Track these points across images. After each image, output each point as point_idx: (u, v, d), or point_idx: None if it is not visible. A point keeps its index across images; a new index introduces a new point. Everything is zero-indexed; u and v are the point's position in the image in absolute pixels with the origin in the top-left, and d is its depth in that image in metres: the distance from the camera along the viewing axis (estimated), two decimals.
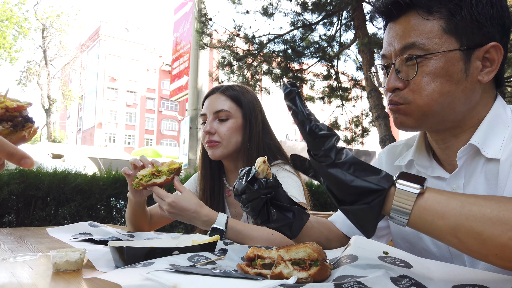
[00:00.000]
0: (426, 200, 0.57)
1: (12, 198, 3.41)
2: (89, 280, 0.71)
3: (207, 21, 6.95)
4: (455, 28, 0.74)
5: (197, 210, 1.14)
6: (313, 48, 7.15)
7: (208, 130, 1.38)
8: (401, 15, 0.78)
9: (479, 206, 0.55)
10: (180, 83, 11.10)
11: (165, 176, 1.20)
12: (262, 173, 0.69)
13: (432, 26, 0.74)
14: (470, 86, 0.75)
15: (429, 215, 0.57)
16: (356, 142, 7.72)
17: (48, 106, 23.22)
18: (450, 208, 0.56)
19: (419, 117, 0.78)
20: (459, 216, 0.55)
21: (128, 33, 40.40)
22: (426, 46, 0.74)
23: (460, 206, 0.55)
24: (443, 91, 0.74)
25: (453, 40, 0.74)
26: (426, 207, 0.57)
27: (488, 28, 0.74)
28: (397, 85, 0.78)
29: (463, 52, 0.74)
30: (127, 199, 1.41)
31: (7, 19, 18.95)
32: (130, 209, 1.42)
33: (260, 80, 7.50)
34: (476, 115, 0.79)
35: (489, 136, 0.77)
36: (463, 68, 0.74)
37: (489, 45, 0.74)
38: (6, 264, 0.87)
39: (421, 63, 0.75)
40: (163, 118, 41.11)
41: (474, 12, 0.73)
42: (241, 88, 1.46)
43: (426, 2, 0.75)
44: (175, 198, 1.14)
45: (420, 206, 0.58)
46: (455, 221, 0.55)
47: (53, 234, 1.18)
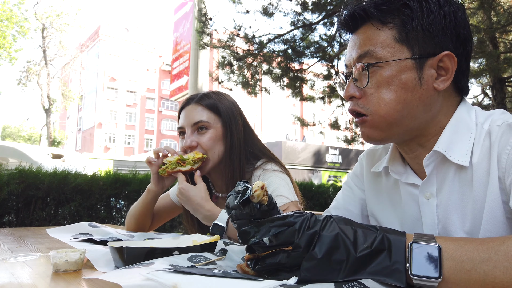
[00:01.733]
0: (447, 282, 0.57)
1: (12, 198, 3.41)
2: (89, 280, 0.71)
3: (207, 20, 6.95)
4: (407, 37, 0.76)
5: (201, 203, 1.20)
6: (313, 48, 7.15)
7: (189, 145, 1.32)
8: (359, 26, 0.82)
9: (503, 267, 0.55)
10: (180, 83, 11.10)
11: (190, 166, 1.28)
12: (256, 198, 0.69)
13: (385, 36, 0.77)
14: (427, 93, 0.77)
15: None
16: (356, 142, 7.72)
17: (48, 106, 23.20)
18: (473, 282, 0.56)
19: (384, 128, 0.79)
20: (484, 282, 0.55)
21: (128, 33, 40.40)
22: (378, 54, 0.77)
23: (483, 275, 0.55)
24: (399, 99, 0.76)
25: (405, 49, 0.76)
26: (449, 287, 0.57)
27: (440, 38, 0.76)
28: (354, 94, 0.80)
29: (415, 61, 0.76)
30: (127, 199, 1.42)
31: (7, 19, 18.94)
32: (143, 202, 1.43)
33: (260, 80, 7.50)
34: (438, 123, 0.80)
35: (453, 141, 0.77)
36: (417, 76, 0.76)
37: (441, 54, 0.76)
38: (6, 264, 0.87)
39: (374, 72, 0.77)
40: (163, 118, 41.12)
41: (425, 22, 0.76)
42: (217, 95, 1.40)
43: (379, 14, 0.78)
44: (186, 186, 1.24)
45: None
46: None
47: (53, 234, 1.18)
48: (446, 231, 0.79)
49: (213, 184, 1.47)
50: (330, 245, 0.59)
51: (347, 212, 1.02)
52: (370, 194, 0.99)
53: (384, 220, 0.94)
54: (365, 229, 0.61)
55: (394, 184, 0.90)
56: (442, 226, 0.80)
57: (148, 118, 40.97)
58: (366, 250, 0.58)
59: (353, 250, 0.59)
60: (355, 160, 17.97)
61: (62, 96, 24.90)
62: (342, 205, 1.04)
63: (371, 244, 0.59)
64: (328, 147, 18.08)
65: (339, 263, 0.58)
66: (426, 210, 0.81)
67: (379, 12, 0.78)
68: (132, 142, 39.26)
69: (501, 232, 0.71)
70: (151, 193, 1.40)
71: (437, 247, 0.57)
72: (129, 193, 3.96)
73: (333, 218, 0.63)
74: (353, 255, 0.58)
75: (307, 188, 5.89)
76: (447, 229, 0.79)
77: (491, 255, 0.56)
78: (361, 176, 1.02)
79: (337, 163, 18.00)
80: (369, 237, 0.60)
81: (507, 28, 6.22)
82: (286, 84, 7.41)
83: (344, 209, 1.03)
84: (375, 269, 0.58)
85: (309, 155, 16.98)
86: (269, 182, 1.29)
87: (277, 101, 35.06)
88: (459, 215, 0.77)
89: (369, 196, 0.99)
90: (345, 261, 0.58)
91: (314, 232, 0.60)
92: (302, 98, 7.64)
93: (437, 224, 0.80)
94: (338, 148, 18.01)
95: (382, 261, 0.58)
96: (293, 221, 0.61)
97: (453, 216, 0.78)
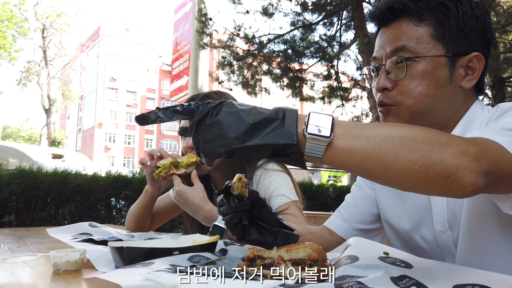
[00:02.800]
0: (334, 146, 0.59)
1: (12, 198, 3.41)
2: (89, 280, 0.71)
3: (207, 21, 6.95)
4: (443, 35, 0.80)
5: (199, 204, 1.18)
6: (313, 48, 7.16)
7: (191, 145, 1.32)
8: (393, 20, 0.84)
9: (384, 138, 0.58)
10: (180, 83, 11.10)
11: (183, 169, 1.25)
12: (236, 190, 0.69)
13: (422, 32, 0.80)
14: (454, 90, 0.81)
15: (338, 157, 0.59)
16: None
17: (48, 106, 23.21)
18: (356, 146, 0.58)
19: (407, 119, 0.82)
20: (365, 151, 0.58)
21: (128, 33, 40.40)
22: (415, 49, 0.80)
23: (366, 142, 0.58)
24: (429, 93, 0.80)
25: (440, 47, 0.80)
26: (335, 151, 0.59)
27: (472, 39, 0.80)
28: (386, 85, 0.83)
29: (448, 58, 0.80)
30: (127, 199, 1.42)
31: (7, 19, 18.95)
32: (141, 203, 1.42)
33: (260, 80, 7.50)
34: (457, 119, 0.84)
35: (464, 133, 0.81)
36: (448, 73, 0.80)
37: (472, 54, 0.80)
38: (6, 264, 0.87)
39: (410, 65, 0.80)
40: None
41: (460, 22, 0.79)
42: (218, 96, 1.39)
43: (417, 10, 0.81)
44: (183, 188, 1.20)
45: (329, 152, 0.59)
46: (362, 156, 0.58)
47: (53, 234, 1.18)
48: (455, 216, 0.82)
49: (215, 183, 1.47)
50: (226, 115, 0.60)
51: (356, 209, 1.04)
52: (379, 190, 1.01)
53: (393, 214, 0.96)
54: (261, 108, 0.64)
55: None
56: (451, 212, 0.83)
57: None
58: (261, 116, 0.60)
59: (248, 119, 0.60)
60: None
61: (62, 96, 24.91)
62: (351, 203, 1.06)
63: (266, 113, 0.60)
64: None
65: (235, 130, 0.59)
66: (436, 198, 0.84)
67: (417, 8, 0.81)
68: (132, 142, 39.26)
69: (489, 200, 0.72)
70: (148, 194, 1.40)
71: (331, 116, 0.61)
72: (129, 193, 3.96)
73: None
74: (248, 122, 0.59)
75: (307, 188, 5.89)
76: (456, 214, 0.82)
77: (376, 127, 0.60)
78: None
79: None
80: (264, 110, 0.62)
81: (507, 28, 6.22)
82: (286, 84, 7.42)
83: (353, 206, 1.05)
84: (268, 134, 0.59)
85: None
86: (270, 181, 1.29)
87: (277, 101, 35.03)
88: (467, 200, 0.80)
89: (378, 192, 1.01)
90: (240, 128, 0.59)
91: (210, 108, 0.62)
92: (302, 98, 7.65)
93: (446, 210, 0.83)
94: None
95: (276, 127, 0.59)
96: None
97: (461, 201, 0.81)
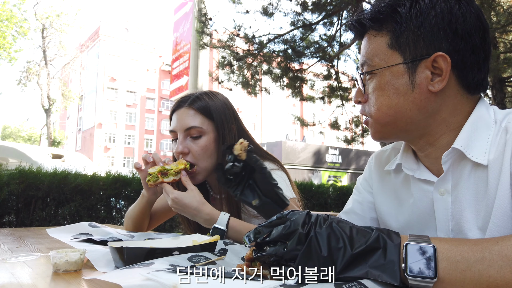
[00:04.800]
0: (442, 282, 0.57)
1: (12, 198, 3.41)
2: (89, 281, 0.71)
3: (207, 20, 6.95)
4: (397, 43, 0.78)
5: (198, 208, 1.17)
6: (313, 48, 7.15)
7: (181, 151, 1.29)
8: (363, 33, 0.85)
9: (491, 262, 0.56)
10: (180, 83, 11.10)
11: (172, 177, 1.23)
12: (236, 151, 0.82)
13: (380, 43, 0.80)
14: (420, 96, 0.77)
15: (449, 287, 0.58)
16: (356, 142, 7.72)
17: (48, 106, 23.21)
18: (467, 282, 0.57)
19: (378, 129, 0.84)
20: (478, 281, 0.56)
21: (128, 33, 40.39)
22: (373, 63, 0.80)
23: (478, 276, 0.56)
24: (390, 104, 0.79)
25: (396, 55, 0.78)
26: (444, 286, 0.58)
27: (432, 38, 0.76)
28: (359, 99, 0.86)
29: (406, 65, 0.77)
30: (127, 199, 1.42)
31: (7, 19, 18.94)
32: (138, 206, 1.42)
33: (260, 80, 7.50)
34: (443, 122, 0.80)
35: (472, 138, 0.77)
36: (408, 80, 0.77)
37: (434, 55, 0.76)
38: (6, 264, 0.87)
39: (370, 79, 0.82)
40: (163, 118, 41.09)
41: (413, 25, 0.76)
42: (209, 96, 1.36)
43: (372, 24, 0.81)
44: (179, 194, 1.18)
45: (438, 285, 0.58)
46: (474, 285, 0.57)
47: (53, 234, 1.18)
48: (460, 227, 0.79)
49: (210, 185, 1.46)
50: (327, 240, 0.60)
51: (355, 215, 1.03)
52: (377, 194, 1.00)
53: (390, 217, 0.95)
54: (361, 229, 0.63)
55: (404, 181, 0.91)
56: (455, 223, 0.80)
57: (148, 118, 40.96)
58: (361, 247, 0.59)
59: (349, 247, 0.60)
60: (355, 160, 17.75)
61: (62, 96, 24.90)
62: (350, 209, 1.05)
63: (366, 241, 0.60)
64: (328, 147, 18.08)
65: (336, 259, 0.60)
66: (440, 206, 0.82)
67: (372, 22, 0.81)
68: (132, 142, 39.24)
69: (509, 226, 0.71)
70: (144, 198, 1.39)
71: (432, 247, 0.58)
72: (129, 193, 3.96)
73: (331, 218, 0.64)
74: (349, 251, 0.59)
75: (307, 188, 5.89)
76: (460, 225, 0.79)
77: (485, 255, 0.57)
78: (369, 179, 1.03)
79: (337, 163, 18.00)
80: (365, 235, 0.61)
81: (507, 28, 6.21)
82: (286, 84, 7.42)
83: (352, 213, 1.04)
84: (370, 269, 0.58)
85: (309, 155, 16.98)
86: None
87: (277, 101, 35.05)
88: (473, 211, 0.77)
89: (377, 196, 1.00)
90: (340, 258, 0.59)
91: (309, 230, 0.62)
92: (302, 98, 7.65)
93: (450, 220, 0.81)
94: (338, 148, 18.01)
95: (377, 259, 0.59)
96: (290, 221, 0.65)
97: (467, 213, 0.78)
